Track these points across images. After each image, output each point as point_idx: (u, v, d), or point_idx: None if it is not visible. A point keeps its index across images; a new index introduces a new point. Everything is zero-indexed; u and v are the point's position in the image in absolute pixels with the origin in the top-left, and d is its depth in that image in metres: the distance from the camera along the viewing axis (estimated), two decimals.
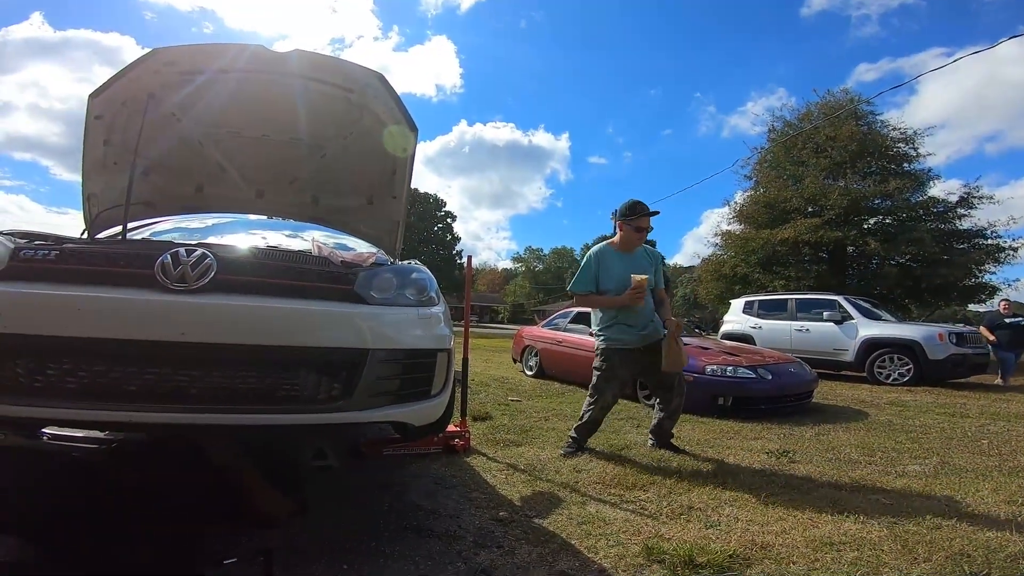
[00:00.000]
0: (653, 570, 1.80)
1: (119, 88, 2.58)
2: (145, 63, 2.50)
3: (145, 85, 2.59)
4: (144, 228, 3.31)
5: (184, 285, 1.65)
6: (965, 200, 14.60)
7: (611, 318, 3.35)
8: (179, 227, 3.31)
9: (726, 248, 17.00)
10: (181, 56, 2.54)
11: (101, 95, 2.59)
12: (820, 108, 16.23)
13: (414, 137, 2.93)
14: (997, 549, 1.90)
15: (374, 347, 1.81)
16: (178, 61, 2.55)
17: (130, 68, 2.53)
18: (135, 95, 2.63)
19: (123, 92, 2.61)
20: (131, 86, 2.59)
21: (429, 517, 2.23)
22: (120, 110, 2.70)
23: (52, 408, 1.57)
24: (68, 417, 1.63)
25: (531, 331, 8.30)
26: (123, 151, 2.85)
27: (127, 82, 2.56)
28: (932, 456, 3.42)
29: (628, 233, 3.32)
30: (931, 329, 7.78)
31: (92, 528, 1.60)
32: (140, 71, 2.53)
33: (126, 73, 2.54)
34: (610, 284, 3.32)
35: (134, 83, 2.58)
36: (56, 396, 1.56)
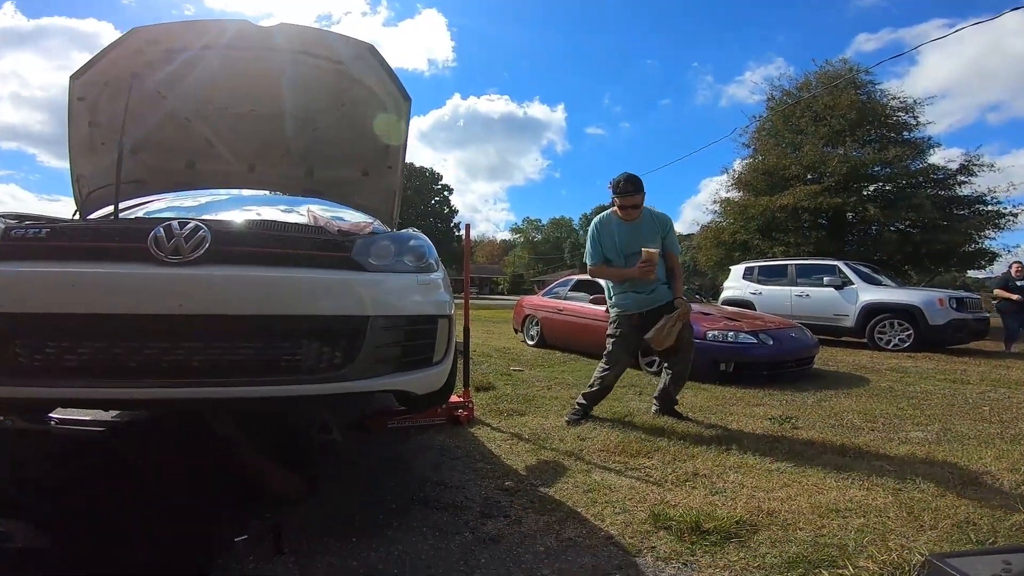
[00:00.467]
0: (660, 537, 1.81)
1: (101, 69, 2.54)
2: (126, 43, 2.47)
3: (127, 65, 2.56)
4: (137, 208, 3.28)
5: (179, 257, 1.62)
6: (965, 167, 14.50)
7: (622, 286, 3.35)
8: (172, 205, 3.28)
9: (725, 215, 16.93)
10: (163, 34, 2.50)
11: (82, 76, 2.56)
12: (819, 77, 16.05)
13: (407, 107, 2.90)
14: (1002, 517, 1.90)
15: (374, 314, 1.79)
16: (160, 39, 2.51)
17: (111, 48, 2.49)
18: (118, 75, 2.59)
19: (105, 73, 2.57)
20: (113, 66, 2.55)
21: (435, 489, 2.24)
22: (103, 90, 2.66)
23: (52, 388, 1.55)
24: (69, 396, 1.62)
25: (532, 300, 8.29)
26: (109, 131, 2.83)
27: (108, 63, 2.52)
28: (934, 422, 3.43)
29: (618, 207, 3.28)
30: (931, 294, 7.76)
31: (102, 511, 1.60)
32: (121, 51, 2.49)
33: (107, 53, 2.50)
34: (615, 251, 3.31)
35: (116, 63, 2.54)
36: (55, 376, 1.55)
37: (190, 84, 2.81)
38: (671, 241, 3.37)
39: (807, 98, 15.78)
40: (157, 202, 3.38)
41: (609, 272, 3.38)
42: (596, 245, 3.36)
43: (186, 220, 1.74)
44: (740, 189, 16.69)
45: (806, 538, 1.76)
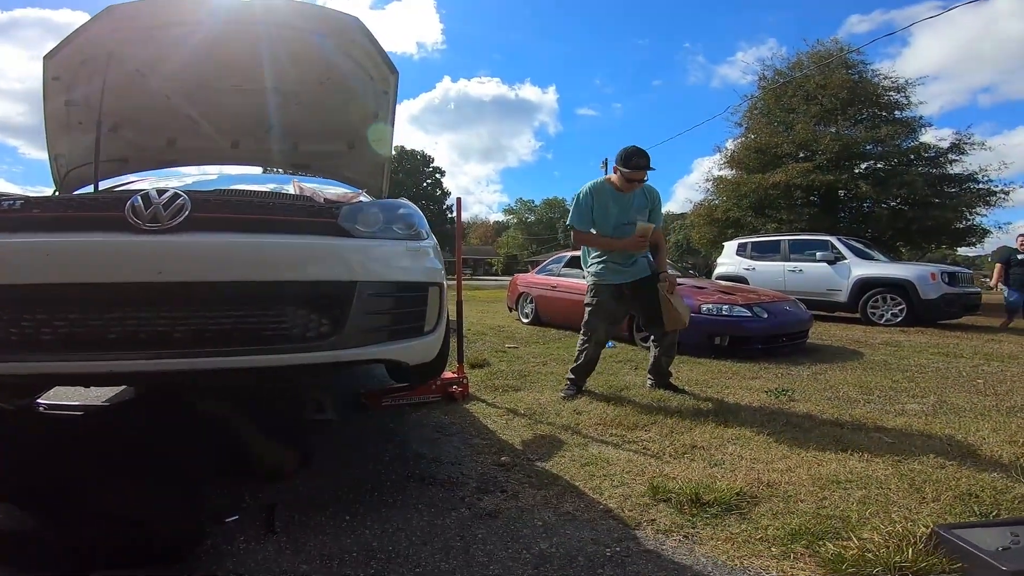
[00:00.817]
0: (660, 509, 1.79)
1: (76, 48, 2.49)
2: (101, 21, 2.41)
3: (103, 43, 2.51)
4: (119, 187, 3.22)
5: (158, 225, 1.56)
6: (956, 146, 14.58)
7: (600, 256, 3.31)
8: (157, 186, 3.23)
9: (718, 193, 16.94)
10: (138, 12, 2.45)
11: (56, 56, 2.52)
12: (810, 57, 16.07)
13: (395, 79, 2.85)
14: (1004, 490, 1.88)
15: (362, 279, 1.74)
16: (136, 16, 2.45)
17: (85, 28, 2.44)
18: (94, 53, 2.54)
19: (80, 52, 2.52)
20: (88, 46, 2.50)
21: (431, 465, 2.21)
22: (79, 70, 2.61)
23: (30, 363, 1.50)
24: (48, 371, 1.56)
25: (526, 278, 8.23)
26: (87, 110, 2.78)
27: (83, 42, 2.47)
28: (929, 395, 3.43)
29: (621, 180, 3.19)
30: (924, 268, 7.78)
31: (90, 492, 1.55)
32: (96, 30, 2.44)
33: (81, 33, 2.45)
34: (606, 219, 3.25)
35: (91, 42, 2.49)
36: (34, 349, 1.49)
37: (169, 60, 2.75)
38: (656, 215, 3.34)
39: (799, 77, 15.86)
40: (140, 182, 3.32)
41: (598, 240, 3.30)
42: (586, 211, 3.28)
43: (164, 188, 1.68)
44: (732, 167, 16.71)
45: (808, 510, 1.74)
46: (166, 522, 1.50)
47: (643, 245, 3.20)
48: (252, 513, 1.75)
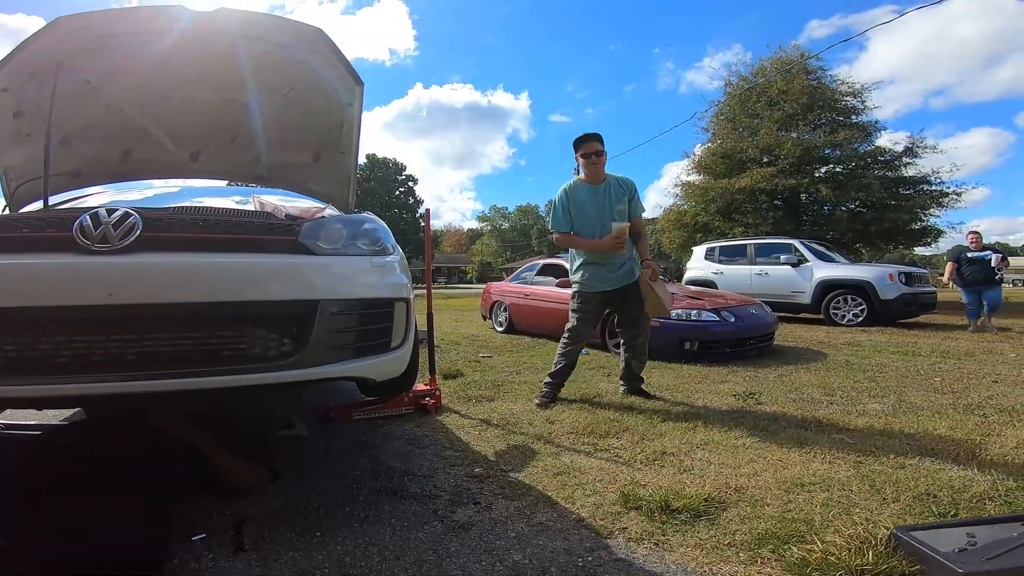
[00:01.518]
0: (631, 517, 1.80)
1: (24, 59, 2.39)
2: (49, 31, 2.33)
3: (52, 54, 2.42)
4: (71, 201, 3.13)
5: (107, 246, 1.53)
6: (910, 150, 15.22)
7: (584, 260, 3.35)
8: (114, 199, 3.12)
9: (686, 198, 17.28)
10: (89, 22, 2.37)
11: (4, 67, 2.41)
12: (773, 63, 16.55)
13: (360, 91, 2.79)
14: (961, 489, 1.95)
15: (324, 298, 1.72)
16: (86, 27, 2.37)
17: (34, 38, 2.35)
18: (43, 64, 2.45)
19: (28, 62, 2.42)
20: (36, 56, 2.41)
21: (404, 478, 2.19)
22: (28, 80, 2.51)
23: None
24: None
25: (499, 286, 8.24)
26: (37, 121, 2.68)
27: (31, 52, 2.38)
28: (889, 394, 3.54)
29: (584, 165, 3.30)
30: (882, 269, 8.07)
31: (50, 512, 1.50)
32: (45, 40, 2.35)
33: (30, 43, 2.35)
34: (584, 219, 3.30)
35: (40, 53, 2.40)
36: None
37: (122, 72, 2.67)
38: (636, 204, 3.39)
39: (762, 83, 16.27)
40: (95, 196, 3.21)
41: (579, 242, 3.34)
42: (563, 213, 3.33)
43: (114, 207, 1.64)
44: (700, 172, 17.05)
45: (774, 514, 1.78)
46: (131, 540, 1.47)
47: (620, 246, 3.21)
48: (220, 530, 1.72)
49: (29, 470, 1.79)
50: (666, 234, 18.87)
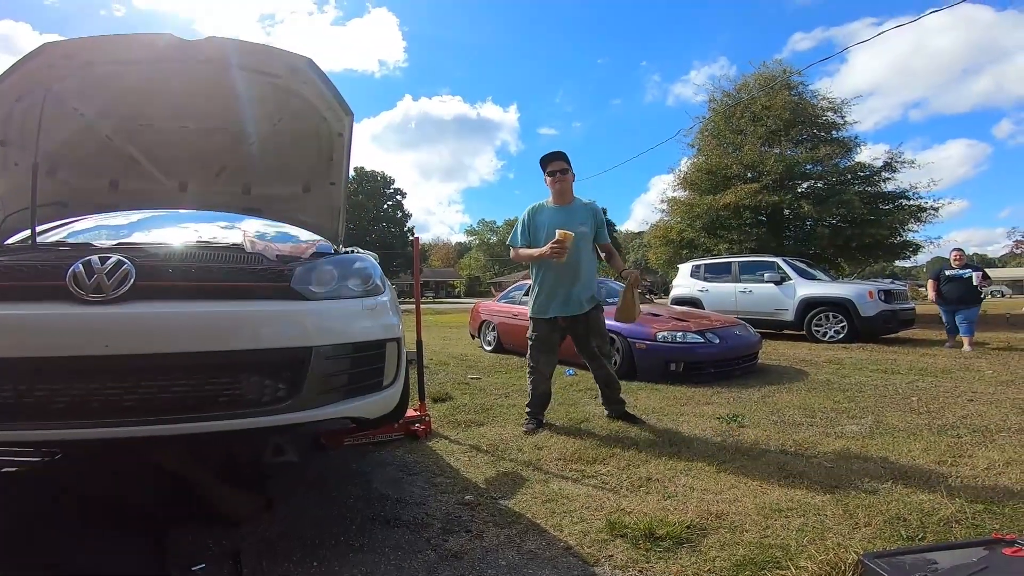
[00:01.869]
0: (617, 545, 1.86)
1: (11, 84, 2.38)
2: (38, 58, 2.31)
3: (40, 80, 2.40)
4: (59, 229, 3.10)
5: (101, 295, 1.55)
6: (889, 165, 15.56)
7: (536, 287, 3.42)
8: (98, 225, 3.11)
9: (672, 214, 17.45)
10: (79, 49, 2.36)
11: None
12: (756, 79, 16.88)
13: (349, 121, 2.82)
14: (930, 512, 2.03)
15: (318, 344, 1.76)
16: (75, 54, 2.36)
17: (21, 64, 2.33)
18: (30, 90, 2.43)
19: (16, 88, 2.41)
20: (24, 82, 2.39)
21: (396, 506, 2.23)
22: (14, 107, 2.50)
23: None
24: None
25: (488, 306, 8.30)
26: (23, 150, 2.65)
27: (19, 78, 2.36)
28: (867, 415, 3.65)
29: (550, 183, 3.42)
30: (862, 287, 8.27)
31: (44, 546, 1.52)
32: (33, 66, 2.34)
33: (17, 69, 2.34)
34: (541, 237, 3.37)
35: (27, 79, 2.38)
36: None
37: (110, 100, 2.67)
38: (602, 232, 3.49)
39: (746, 99, 16.51)
40: (81, 223, 3.19)
41: (522, 253, 3.41)
42: (524, 230, 3.44)
43: (108, 255, 1.66)
44: (686, 188, 17.25)
45: (752, 540, 1.85)
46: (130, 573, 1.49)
47: (558, 253, 3.11)
48: (218, 560, 1.74)
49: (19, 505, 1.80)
50: (653, 250, 19.06)
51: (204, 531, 1.93)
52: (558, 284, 3.35)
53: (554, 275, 3.34)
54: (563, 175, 3.37)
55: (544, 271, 3.38)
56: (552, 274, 3.34)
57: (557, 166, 3.37)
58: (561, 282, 3.34)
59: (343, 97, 2.72)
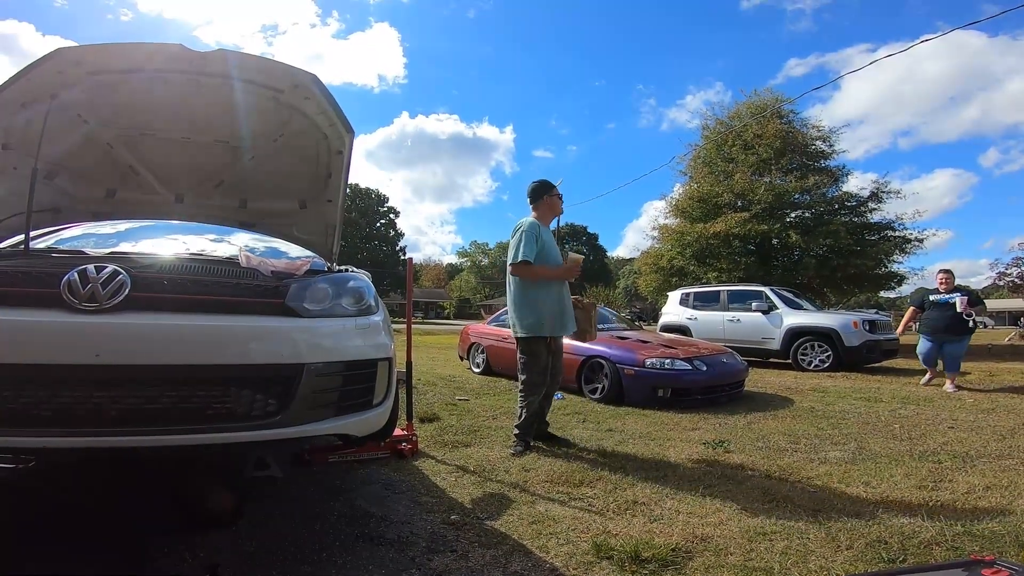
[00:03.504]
0: (602, 567, 1.86)
1: (18, 89, 2.38)
2: (47, 63, 2.33)
3: (47, 86, 2.42)
4: (50, 235, 3.08)
5: (95, 305, 1.55)
6: (875, 195, 15.96)
7: (532, 306, 3.44)
8: (89, 233, 3.10)
9: (663, 241, 17.63)
10: (88, 56, 2.38)
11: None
12: (748, 107, 17.22)
13: (350, 139, 2.84)
14: (911, 535, 2.06)
15: (310, 361, 1.76)
16: (84, 61, 2.38)
17: (30, 68, 2.34)
18: (36, 96, 2.44)
19: (22, 93, 2.42)
20: (31, 87, 2.40)
21: (380, 524, 2.21)
22: (19, 112, 2.50)
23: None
24: None
25: (477, 328, 8.31)
26: (23, 155, 2.65)
27: (26, 83, 2.37)
28: (850, 441, 3.69)
29: (556, 206, 3.68)
30: (847, 317, 8.40)
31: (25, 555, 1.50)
32: (41, 71, 2.35)
33: (26, 73, 2.35)
34: (547, 256, 3.48)
35: (34, 83, 2.39)
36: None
37: (115, 108, 2.69)
38: None
39: (738, 127, 16.79)
40: (71, 230, 3.17)
41: (540, 271, 3.43)
42: (535, 243, 3.41)
43: (103, 264, 1.67)
44: (677, 215, 17.45)
45: (736, 562, 1.86)
46: None
47: (576, 273, 3.49)
48: (195, 573, 1.71)
49: None
50: (643, 277, 19.19)
51: (180, 542, 1.89)
52: (557, 304, 3.46)
53: (555, 296, 3.46)
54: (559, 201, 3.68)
55: (551, 292, 3.46)
56: (553, 295, 3.45)
57: (558, 192, 3.65)
58: (559, 303, 3.47)
59: (345, 115, 2.73)
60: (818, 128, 16.76)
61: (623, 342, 5.68)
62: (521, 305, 3.47)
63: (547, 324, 3.44)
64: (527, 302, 3.44)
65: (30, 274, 1.65)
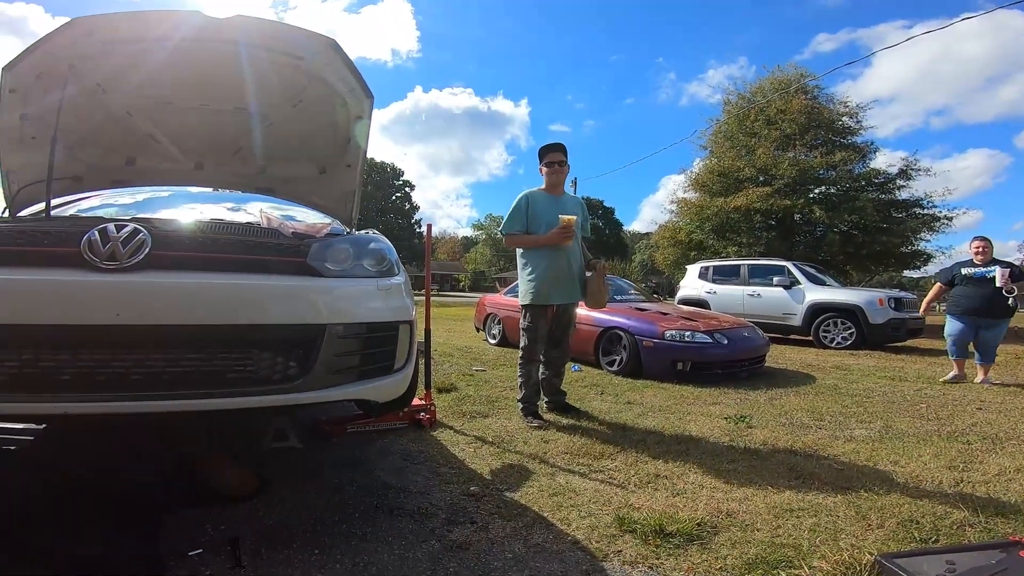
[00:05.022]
0: (625, 540, 1.83)
1: (34, 60, 2.38)
2: (63, 33, 2.31)
3: (64, 56, 2.40)
4: (71, 204, 3.11)
5: (115, 263, 1.52)
6: (904, 172, 15.48)
7: (538, 276, 3.42)
8: (109, 202, 3.12)
9: (682, 215, 17.39)
10: (103, 25, 2.35)
11: (15, 67, 2.39)
12: (771, 83, 16.75)
13: (369, 104, 2.81)
14: (943, 516, 2.01)
15: (331, 322, 1.73)
16: (100, 30, 2.35)
17: (46, 39, 2.33)
18: (53, 67, 2.43)
19: (39, 64, 2.41)
20: (47, 58, 2.39)
21: (399, 495, 2.20)
22: (36, 82, 2.50)
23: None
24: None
25: (494, 299, 8.28)
26: (42, 125, 2.65)
27: (43, 54, 2.36)
28: (876, 420, 3.61)
29: (547, 173, 3.49)
30: (872, 294, 8.20)
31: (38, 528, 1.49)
32: (57, 42, 2.33)
33: (42, 44, 2.34)
34: (540, 224, 3.41)
35: (51, 55, 2.38)
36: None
37: (133, 77, 2.66)
38: (586, 227, 3.65)
39: (761, 103, 16.39)
40: (92, 199, 3.20)
41: (525, 239, 3.45)
42: (520, 214, 3.45)
43: (123, 223, 1.64)
44: (696, 190, 17.19)
45: (763, 538, 1.82)
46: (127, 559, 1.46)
47: (568, 238, 3.31)
48: (216, 546, 1.71)
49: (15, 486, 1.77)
50: (660, 251, 18.99)
51: (202, 515, 1.90)
52: (557, 271, 3.40)
53: (553, 263, 3.39)
54: (560, 167, 3.49)
55: (542, 259, 3.41)
56: (551, 262, 3.39)
57: (555, 157, 3.47)
58: (560, 270, 3.40)
59: (364, 80, 2.70)
60: (845, 104, 16.26)
61: (642, 313, 5.60)
62: (520, 274, 3.57)
63: (542, 292, 3.41)
64: (521, 270, 3.53)
65: (51, 233, 1.63)
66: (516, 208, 3.46)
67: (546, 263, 3.39)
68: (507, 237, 3.53)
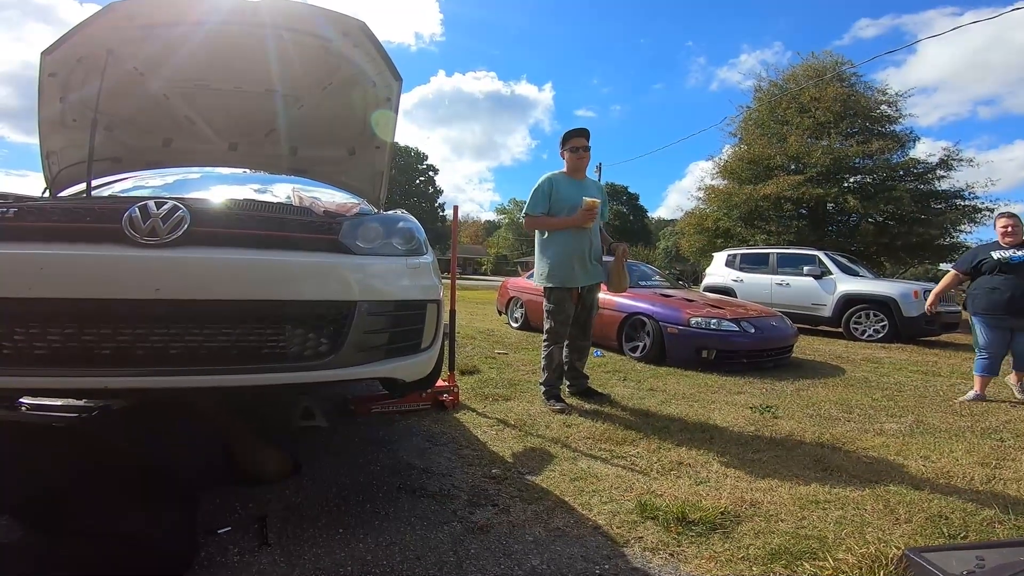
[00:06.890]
0: (647, 527, 1.84)
1: (73, 45, 2.45)
2: (101, 19, 2.38)
3: (102, 41, 2.48)
4: (107, 186, 3.20)
5: (156, 239, 1.56)
6: (945, 162, 14.88)
7: (553, 257, 3.43)
8: (147, 184, 3.20)
9: (709, 202, 17.11)
10: (140, 9, 2.41)
11: (54, 52, 2.47)
12: (804, 70, 16.31)
13: (398, 86, 2.86)
14: (973, 512, 1.97)
15: (361, 299, 1.75)
16: (137, 15, 2.42)
17: (85, 24, 2.40)
18: (92, 52, 2.51)
19: (78, 49, 2.48)
20: (86, 42, 2.46)
21: (422, 476, 2.24)
22: (76, 67, 2.58)
23: (22, 377, 1.50)
24: (39, 386, 1.57)
25: (516, 283, 8.27)
26: (82, 108, 2.75)
27: (82, 39, 2.43)
28: (907, 414, 3.53)
29: (570, 158, 3.49)
30: (907, 286, 7.94)
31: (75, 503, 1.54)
32: (96, 27, 2.40)
33: (80, 29, 2.41)
34: (562, 207, 3.41)
35: (89, 39, 2.45)
36: (26, 364, 1.48)
37: (169, 60, 2.73)
38: (605, 212, 3.69)
39: (793, 90, 15.96)
40: (130, 180, 3.29)
41: (548, 221, 3.44)
42: (543, 197, 3.44)
43: (163, 200, 1.67)
44: (725, 177, 16.87)
45: (788, 529, 1.81)
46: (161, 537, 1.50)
47: (591, 218, 3.32)
48: (243, 524, 1.76)
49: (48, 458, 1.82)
50: (686, 237, 18.73)
51: (230, 494, 1.95)
52: (580, 254, 3.40)
53: (576, 246, 3.39)
54: (584, 152, 3.48)
55: (566, 241, 3.40)
56: (573, 245, 3.39)
57: (579, 143, 3.47)
58: (582, 252, 3.40)
59: (393, 62, 2.74)
60: (884, 92, 15.68)
61: (667, 300, 5.54)
62: (538, 256, 3.56)
63: (560, 273, 3.41)
64: (541, 253, 3.52)
65: (93, 210, 1.67)
66: (539, 190, 3.45)
67: (571, 245, 3.39)
68: (529, 219, 3.52)
